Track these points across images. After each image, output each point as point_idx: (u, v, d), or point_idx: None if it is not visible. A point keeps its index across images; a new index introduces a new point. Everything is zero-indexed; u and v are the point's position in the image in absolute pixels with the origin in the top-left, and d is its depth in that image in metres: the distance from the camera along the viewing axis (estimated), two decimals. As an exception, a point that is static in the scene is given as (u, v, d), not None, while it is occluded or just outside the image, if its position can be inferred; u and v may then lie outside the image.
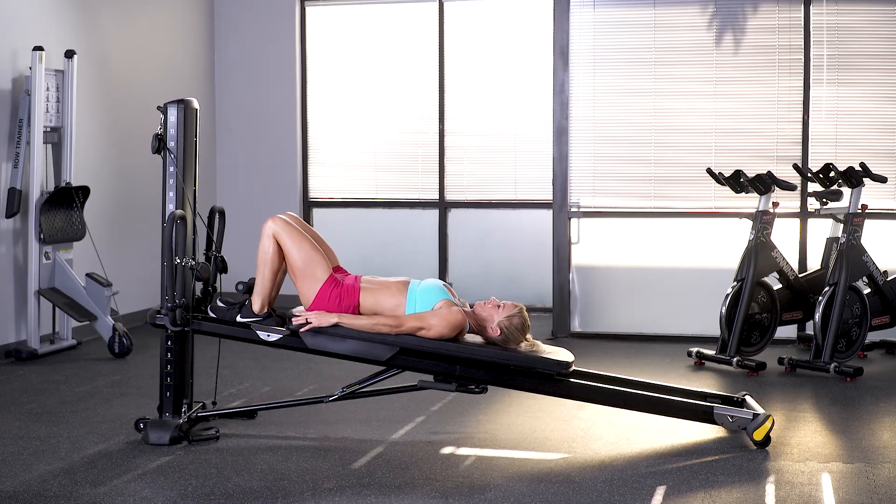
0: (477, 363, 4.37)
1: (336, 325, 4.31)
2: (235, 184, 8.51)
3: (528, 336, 4.46)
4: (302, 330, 4.33)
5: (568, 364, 4.40)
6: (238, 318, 4.47)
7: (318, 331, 4.32)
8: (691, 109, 7.30)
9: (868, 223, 6.25)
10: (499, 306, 4.40)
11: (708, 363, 6.32)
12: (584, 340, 7.17)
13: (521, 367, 4.38)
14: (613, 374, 4.86)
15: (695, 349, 6.37)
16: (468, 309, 4.46)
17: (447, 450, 4.41)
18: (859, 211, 6.08)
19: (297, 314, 4.38)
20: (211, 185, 8.42)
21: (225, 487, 3.87)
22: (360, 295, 4.38)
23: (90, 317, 6.42)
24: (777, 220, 6.42)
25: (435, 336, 4.30)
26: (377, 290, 4.40)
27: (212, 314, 4.50)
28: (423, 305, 4.36)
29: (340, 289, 4.37)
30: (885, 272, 6.38)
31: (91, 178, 6.98)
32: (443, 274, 8.16)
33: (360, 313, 4.37)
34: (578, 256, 7.46)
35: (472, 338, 4.46)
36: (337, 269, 4.51)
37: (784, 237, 6.90)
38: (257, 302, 4.46)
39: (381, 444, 4.48)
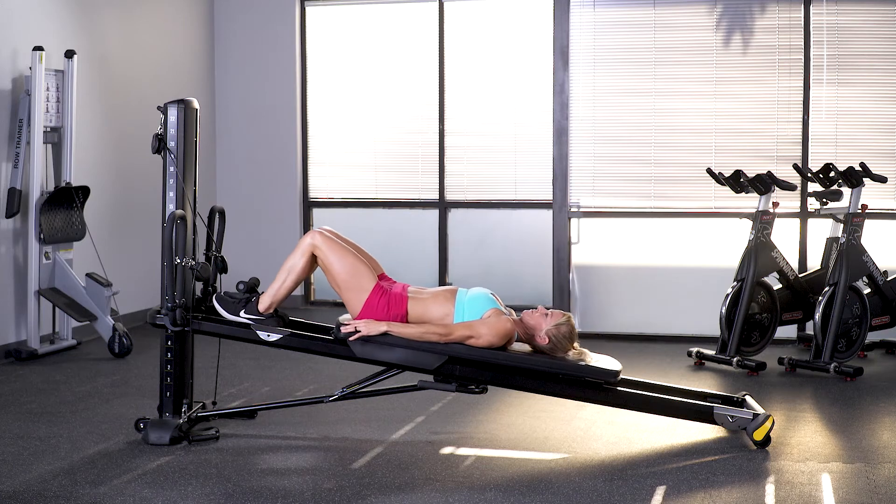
0: (526, 372, 4.38)
1: (385, 334, 4.31)
2: (235, 184, 8.51)
3: (576, 344, 4.49)
4: (351, 339, 4.32)
5: (616, 373, 4.41)
6: (242, 314, 4.47)
7: (366, 339, 4.32)
8: (691, 109, 7.31)
9: (868, 223, 6.25)
10: (546, 315, 4.41)
11: (708, 363, 6.32)
12: (584, 340, 7.05)
13: (570, 377, 4.39)
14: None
15: (695, 349, 6.38)
16: (516, 318, 4.47)
17: (447, 450, 4.41)
18: (859, 211, 6.08)
19: (345, 322, 4.37)
20: (211, 185, 8.42)
21: (225, 487, 3.87)
22: (408, 304, 4.39)
23: (90, 317, 6.42)
24: (777, 220, 6.42)
25: (484, 345, 4.31)
26: (425, 299, 4.42)
27: (216, 303, 4.50)
28: (471, 314, 4.37)
29: (388, 297, 4.38)
30: (885, 272, 6.38)
31: (91, 178, 6.98)
32: (443, 274, 8.16)
33: (407, 322, 4.38)
34: (578, 256, 7.46)
35: (519, 346, 4.48)
36: (382, 276, 4.51)
37: (784, 237, 6.90)
38: (265, 302, 4.47)
39: (381, 444, 4.48)
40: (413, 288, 4.48)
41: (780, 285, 6.50)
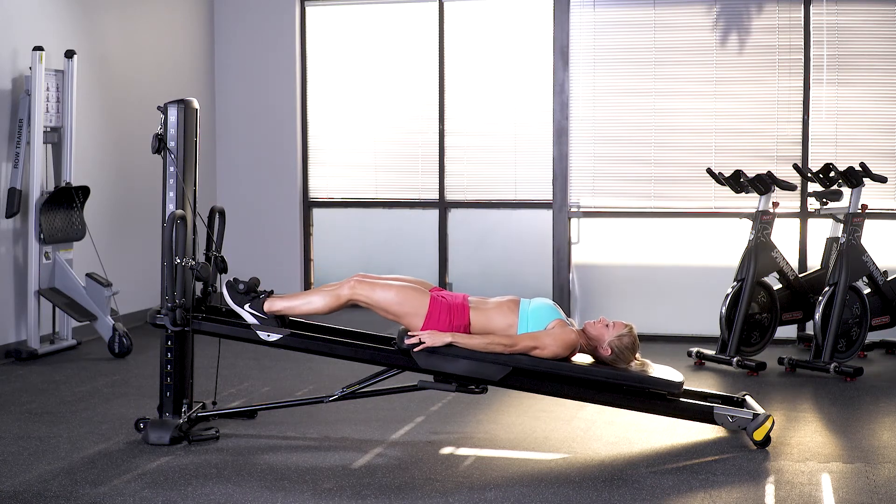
0: (589, 383, 4.40)
1: (450, 345, 4.31)
2: (235, 184, 8.51)
3: (638, 355, 4.51)
4: (415, 350, 4.32)
5: (679, 384, 4.43)
6: (246, 307, 4.46)
7: (431, 351, 4.31)
8: (691, 109, 7.31)
9: (868, 223, 6.25)
10: (609, 326, 4.43)
11: (708, 363, 6.32)
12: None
13: (634, 388, 4.42)
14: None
15: (695, 349, 6.38)
16: (578, 328, 4.48)
17: (447, 450, 4.41)
18: (859, 211, 6.08)
19: (410, 333, 4.36)
20: (211, 185, 8.42)
21: (225, 487, 3.87)
22: (470, 314, 4.39)
23: (90, 317, 6.42)
24: (777, 220, 6.42)
25: (549, 356, 4.33)
26: (488, 309, 4.42)
27: (225, 287, 4.50)
28: (535, 325, 4.38)
29: (449, 306, 4.38)
30: (885, 272, 6.38)
31: (91, 178, 6.98)
32: (443, 274, 8.16)
33: (469, 333, 4.38)
34: (578, 256, 7.46)
35: (581, 357, 4.50)
36: (434, 289, 4.51)
37: (784, 237, 6.90)
38: (276, 307, 4.45)
39: (381, 444, 4.49)
40: (473, 298, 4.48)
41: (780, 285, 6.50)
